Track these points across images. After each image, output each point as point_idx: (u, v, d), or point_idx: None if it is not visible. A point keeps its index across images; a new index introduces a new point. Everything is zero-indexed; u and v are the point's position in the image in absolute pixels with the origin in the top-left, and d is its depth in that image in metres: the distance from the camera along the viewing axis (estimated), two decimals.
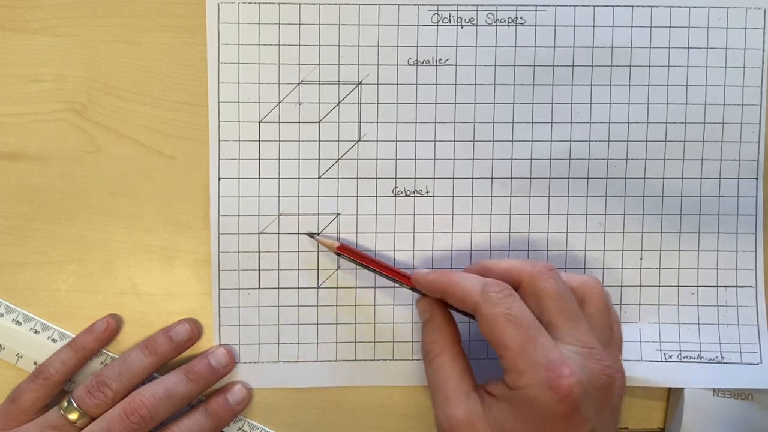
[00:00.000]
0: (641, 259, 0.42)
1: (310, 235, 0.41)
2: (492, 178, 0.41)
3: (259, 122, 0.41)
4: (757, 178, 0.42)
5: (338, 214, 0.41)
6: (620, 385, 0.34)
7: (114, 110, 0.40)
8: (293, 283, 0.41)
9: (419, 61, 0.41)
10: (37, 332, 0.40)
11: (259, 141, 0.41)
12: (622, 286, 0.42)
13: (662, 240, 0.42)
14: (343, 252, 0.40)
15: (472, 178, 0.41)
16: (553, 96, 0.41)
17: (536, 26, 0.40)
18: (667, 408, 0.43)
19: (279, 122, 0.41)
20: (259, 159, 0.41)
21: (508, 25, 0.40)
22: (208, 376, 0.39)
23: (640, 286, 0.42)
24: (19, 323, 0.40)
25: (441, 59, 0.41)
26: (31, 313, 0.41)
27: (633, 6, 0.40)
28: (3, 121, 0.40)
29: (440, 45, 0.40)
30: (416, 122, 0.41)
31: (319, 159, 0.41)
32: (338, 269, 0.41)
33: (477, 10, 0.40)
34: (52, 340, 0.40)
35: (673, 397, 0.42)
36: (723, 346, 0.41)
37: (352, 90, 0.41)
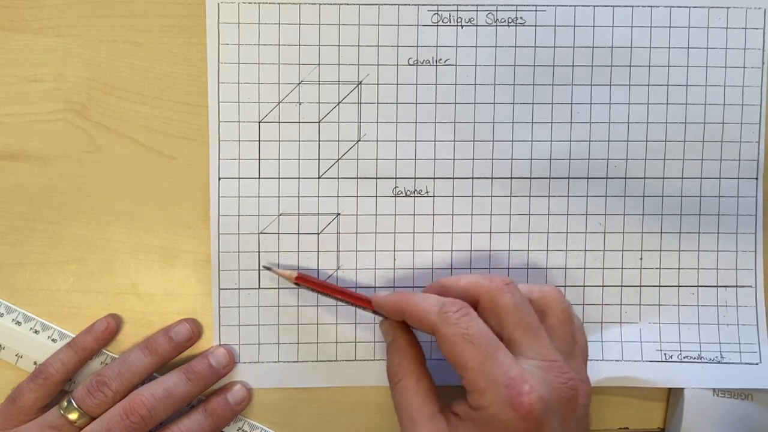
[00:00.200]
0: (641, 259, 0.42)
1: (267, 268, 0.41)
2: (492, 178, 0.41)
3: (259, 122, 0.41)
4: (757, 178, 0.42)
5: (338, 214, 0.41)
6: (584, 395, 0.34)
7: (114, 110, 0.40)
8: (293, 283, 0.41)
9: (419, 61, 0.41)
10: (37, 332, 0.40)
11: (259, 141, 0.41)
12: (622, 286, 0.42)
13: (662, 240, 0.42)
14: (301, 282, 0.40)
15: (472, 178, 0.41)
16: (553, 96, 0.41)
17: (536, 26, 0.40)
18: (667, 408, 0.43)
19: (279, 122, 0.41)
20: (259, 159, 0.41)
21: (508, 25, 0.40)
22: (208, 376, 0.39)
23: (640, 286, 0.42)
24: (19, 323, 0.40)
25: (441, 59, 0.41)
26: (31, 313, 0.41)
27: (633, 6, 0.40)
28: (3, 121, 0.40)
29: (440, 45, 0.40)
30: (416, 122, 0.41)
31: (319, 159, 0.41)
32: (338, 269, 0.41)
33: (477, 10, 0.40)
34: (52, 340, 0.40)
35: (673, 397, 0.42)
36: (723, 346, 0.41)
37: (352, 90, 0.41)
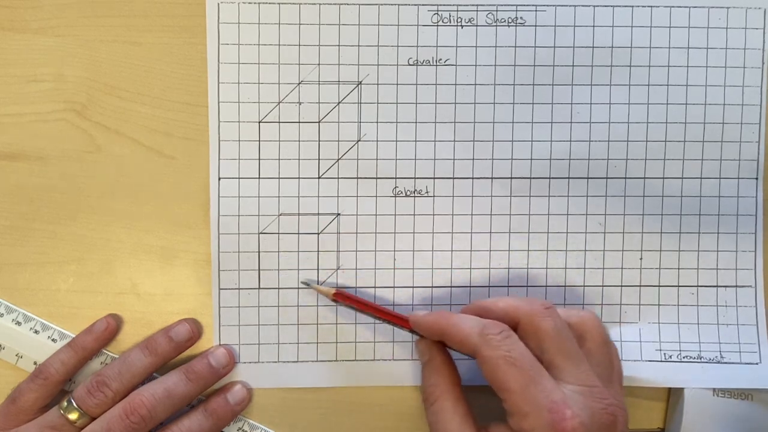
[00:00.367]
0: (641, 259, 0.42)
1: (305, 284, 0.41)
2: (492, 178, 0.41)
3: (259, 122, 0.41)
4: (757, 178, 0.42)
5: (338, 214, 0.41)
6: (623, 422, 0.34)
7: (114, 110, 0.40)
8: (293, 283, 0.41)
9: (419, 61, 0.41)
10: (37, 332, 0.40)
11: (259, 141, 0.41)
12: (622, 286, 0.42)
13: (662, 240, 0.42)
14: (339, 299, 0.40)
15: (472, 178, 0.41)
16: (553, 96, 0.41)
17: (536, 26, 0.40)
18: (667, 408, 0.43)
19: (279, 122, 0.41)
20: (259, 159, 0.41)
21: (508, 25, 0.40)
22: (208, 376, 0.39)
23: (640, 286, 0.42)
24: (19, 323, 0.40)
25: (441, 59, 0.41)
26: (31, 313, 0.41)
27: (633, 6, 0.40)
28: (3, 121, 0.40)
29: (440, 45, 0.40)
30: (416, 122, 0.41)
31: (319, 159, 0.41)
32: (338, 269, 0.41)
33: (477, 10, 0.40)
34: (52, 340, 0.40)
35: (673, 397, 0.42)
36: (723, 346, 0.41)
37: (352, 90, 0.41)
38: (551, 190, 0.41)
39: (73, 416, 0.37)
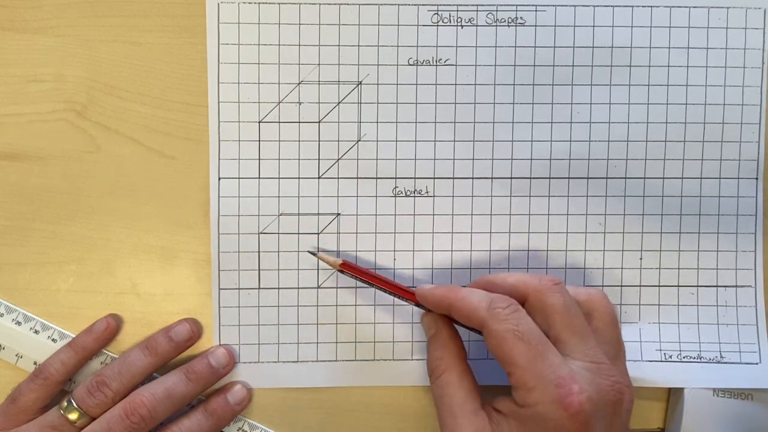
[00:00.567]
0: (641, 259, 0.42)
1: (312, 253, 0.41)
2: (492, 178, 0.41)
3: (259, 122, 0.41)
4: (757, 178, 0.42)
5: (338, 214, 0.41)
6: (629, 399, 0.34)
7: (114, 110, 0.40)
8: (293, 283, 0.41)
9: (419, 61, 0.41)
10: (37, 332, 0.40)
11: (259, 141, 0.41)
12: (622, 286, 0.42)
13: (662, 240, 0.42)
14: (345, 269, 0.39)
15: (472, 178, 0.41)
16: (553, 96, 0.41)
17: (536, 26, 0.40)
18: (667, 408, 0.43)
19: (279, 122, 0.41)
20: (259, 159, 0.41)
21: (508, 25, 0.40)
22: (208, 376, 0.39)
23: (640, 286, 0.42)
24: (19, 323, 0.40)
25: (441, 59, 0.41)
26: (31, 313, 0.41)
27: (633, 6, 0.40)
28: (3, 121, 0.40)
29: (440, 45, 0.40)
30: (416, 122, 0.41)
31: (319, 159, 0.41)
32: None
33: (477, 10, 0.40)
34: (52, 340, 0.40)
35: (673, 397, 0.42)
36: (722, 346, 0.41)
37: (352, 90, 0.41)
38: (551, 190, 0.41)
39: (73, 416, 0.37)
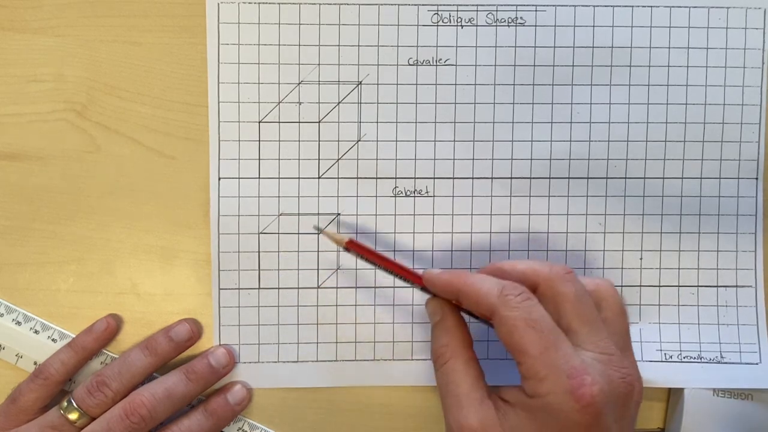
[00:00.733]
0: (641, 259, 0.42)
1: (317, 229, 0.40)
2: (492, 178, 0.41)
3: (259, 122, 0.41)
4: (757, 178, 0.42)
5: (338, 214, 0.41)
6: (638, 392, 0.33)
7: (114, 110, 0.40)
8: (293, 283, 0.41)
9: (419, 61, 0.41)
10: (37, 332, 0.40)
11: (259, 141, 0.41)
12: (622, 286, 0.42)
13: (662, 240, 0.42)
14: (352, 248, 0.38)
15: (472, 178, 0.41)
16: (553, 96, 0.41)
17: (536, 26, 0.40)
18: (667, 408, 0.43)
19: (279, 122, 0.41)
20: (259, 159, 0.41)
21: (508, 25, 0.40)
22: (208, 376, 0.39)
23: (640, 286, 0.42)
24: (19, 323, 0.40)
25: (441, 59, 0.41)
26: (31, 313, 0.41)
27: (633, 6, 0.40)
28: (3, 121, 0.40)
29: (440, 45, 0.40)
30: (416, 122, 0.41)
31: (319, 159, 0.41)
32: (338, 269, 0.41)
33: (477, 10, 0.40)
34: (52, 340, 0.40)
35: (673, 397, 0.42)
36: (723, 346, 0.41)
37: (352, 90, 0.41)
38: (551, 190, 0.41)
39: (73, 416, 0.37)
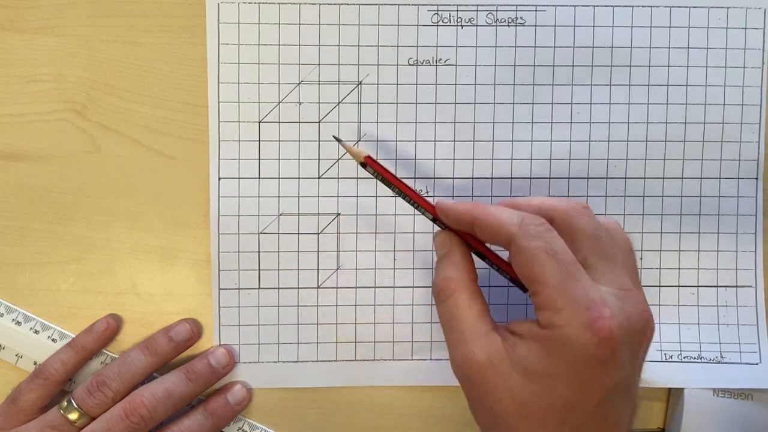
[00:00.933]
0: (641, 259, 0.42)
1: (336, 139, 0.39)
2: (492, 178, 0.41)
3: (259, 122, 0.41)
4: (757, 178, 0.42)
5: (338, 214, 0.41)
6: (651, 329, 0.32)
7: (114, 110, 0.40)
8: (293, 283, 0.41)
9: (419, 61, 0.41)
10: (37, 332, 0.40)
11: (259, 141, 0.41)
12: None
13: (662, 240, 0.42)
14: (369, 163, 0.36)
15: (472, 178, 0.41)
16: (553, 96, 0.41)
17: (536, 26, 0.40)
18: (667, 408, 0.43)
19: (279, 122, 0.41)
20: (259, 159, 0.41)
21: (508, 25, 0.40)
22: (208, 376, 0.39)
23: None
24: (19, 323, 0.40)
25: (441, 59, 0.41)
26: (31, 313, 0.41)
27: (633, 6, 0.40)
28: (3, 121, 0.40)
29: (440, 45, 0.40)
30: (416, 122, 0.41)
31: (319, 159, 0.41)
32: (338, 269, 0.41)
33: (477, 10, 0.40)
34: (52, 340, 0.40)
35: (673, 397, 0.42)
36: (723, 346, 0.41)
37: (352, 90, 0.41)
38: (551, 190, 0.41)
39: (73, 416, 0.37)
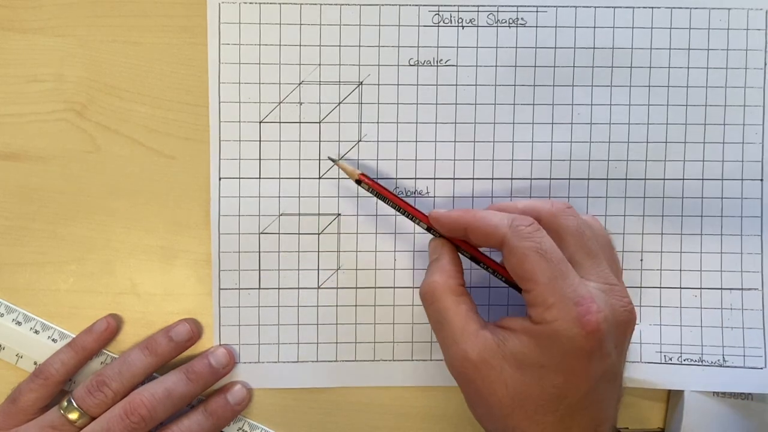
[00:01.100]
0: (642, 260, 0.41)
1: (332, 160, 0.40)
2: (492, 178, 0.41)
3: (260, 122, 0.40)
4: (761, 180, 0.41)
5: (339, 215, 0.41)
6: (634, 320, 0.35)
7: (114, 110, 0.40)
8: (293, 283, 0.41)
9: (420, 62, 0.41)
10: (37, 332, 0.40)
11: (259, 141, 0.41)
12: None
13: (663, 241, 0.41)
14: (363, 180, 0.38)
15: (473, 179, 0.41)
16: (554, 97, 0.41)
17: (537, 27, 0.40)
18: (667, 408, 0.42)
19: (280, 122, 0.41)
20: (260, 159, 0.41)
21: (509, 26, 0.40)
22: (208, 376, 0.39)
23: (641, 287, 0.41)
24: (19, 323, 0.40)
25: (442, 60, 0.40)
26: (31, 313, 0.41)
27: (634, 7, 0.40)
28: (3, 121, 0.40)
29: (441, 45, 0.40)
30: (417, 123, 0.41)
31: (319, 159, 0.41)
32: (339, 269, 0.41)
33: (478, 11, 0.40)
34: (52, 340, 0.40)
35: (673, 397, 0.42)
36: (726, 349, 0.41)
37: (353, 90, 0.41)
38: (552, 191, 0.41)
39: (73, 416, 0.37)
